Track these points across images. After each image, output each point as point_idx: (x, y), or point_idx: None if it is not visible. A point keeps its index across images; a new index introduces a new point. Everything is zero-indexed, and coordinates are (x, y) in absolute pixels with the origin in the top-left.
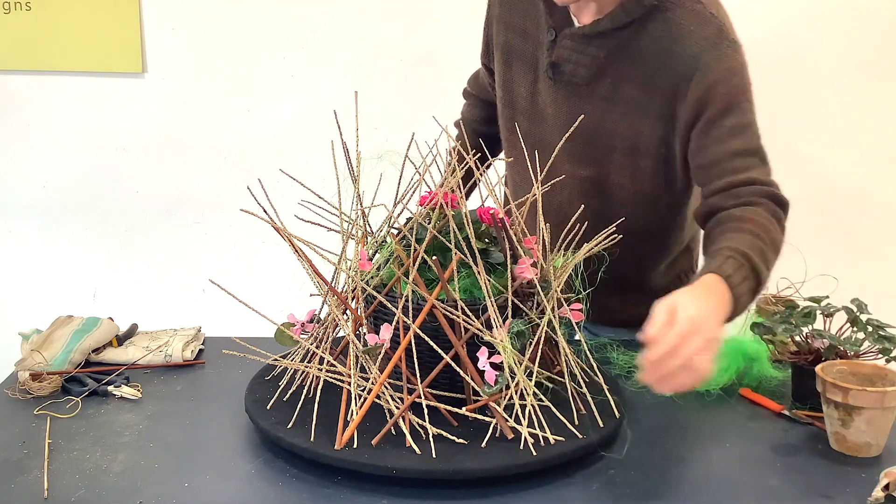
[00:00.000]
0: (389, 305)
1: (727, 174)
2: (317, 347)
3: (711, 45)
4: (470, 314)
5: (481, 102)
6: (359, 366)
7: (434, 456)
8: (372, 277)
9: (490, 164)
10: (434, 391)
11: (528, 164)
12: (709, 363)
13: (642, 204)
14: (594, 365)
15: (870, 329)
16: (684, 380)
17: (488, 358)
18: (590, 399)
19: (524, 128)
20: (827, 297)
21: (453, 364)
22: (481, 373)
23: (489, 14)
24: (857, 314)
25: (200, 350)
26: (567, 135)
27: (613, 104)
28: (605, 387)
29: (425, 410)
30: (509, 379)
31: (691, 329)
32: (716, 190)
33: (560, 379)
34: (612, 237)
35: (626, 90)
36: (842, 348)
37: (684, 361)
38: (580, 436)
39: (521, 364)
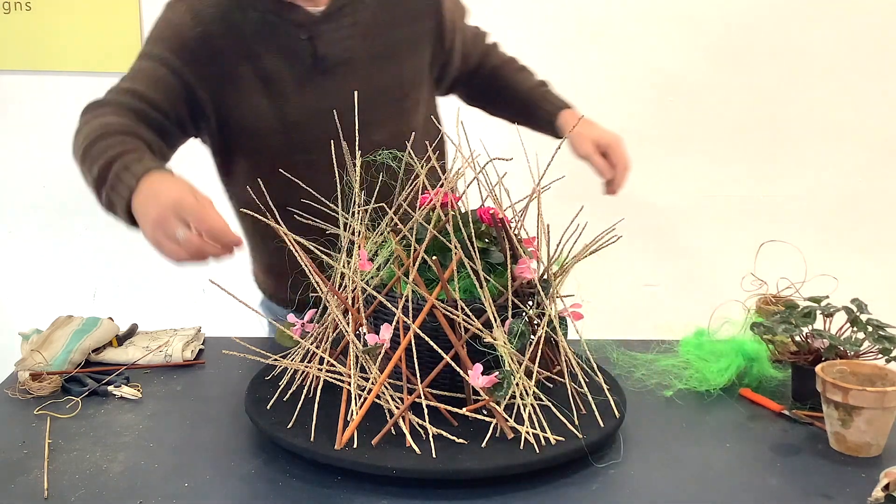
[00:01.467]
0: (389, 305)
1: (480, 44)
2: (317, 347)
3: None
4: (470, 314)
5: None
6: (359, 366)
7: (434, 456)
8: (372, 277)
9: None
10: (434, 391)
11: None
12: None
13: (426, 122)
14: (594, 365)
15: (870, 329)
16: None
17: (482, 373)
18: (590, 399)
19: (311, 137)
20: (827, 297)
21: (453, 364)
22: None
23: (183, 68)
24: (857, 314)
25: (200, 350)
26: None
27: (390, 57)
28: (605, 387)
29: (425, 410)
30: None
31: (621, 145)
32: (484, 53)
33: (560, 379)
34: (612, 237)
35: (393, 35)
36: (842, 348)
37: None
38: (580, 436)
39: (520, 364)
